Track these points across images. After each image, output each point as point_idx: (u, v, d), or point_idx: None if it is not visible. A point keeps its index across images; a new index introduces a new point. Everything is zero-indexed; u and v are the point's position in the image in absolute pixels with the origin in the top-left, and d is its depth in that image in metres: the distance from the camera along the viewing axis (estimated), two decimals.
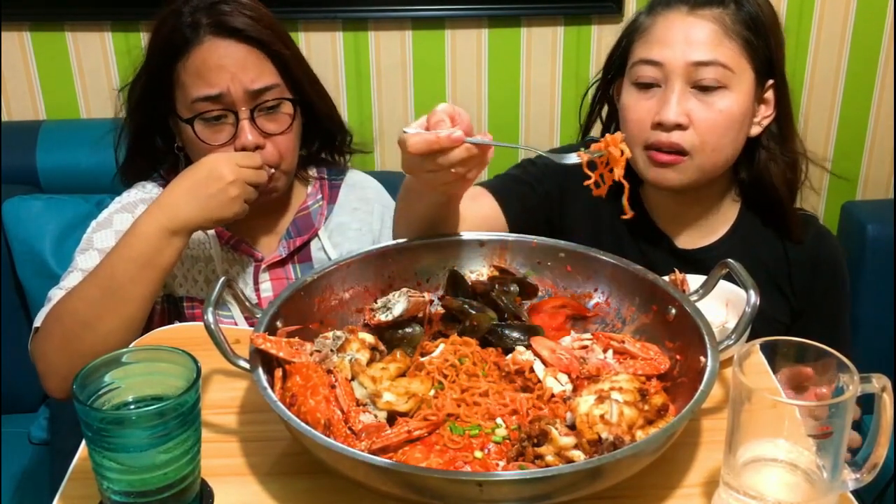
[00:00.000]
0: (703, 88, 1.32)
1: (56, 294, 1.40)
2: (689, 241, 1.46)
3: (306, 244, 1.57)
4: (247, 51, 1.43)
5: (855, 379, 0.82)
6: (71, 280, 1.41)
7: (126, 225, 1.43)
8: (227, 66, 1.41)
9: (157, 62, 1.45)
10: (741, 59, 1.33)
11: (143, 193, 1.55)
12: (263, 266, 1.53)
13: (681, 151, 1.33)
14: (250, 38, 1.43)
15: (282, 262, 1.55)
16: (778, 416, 0.83)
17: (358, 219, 1.63)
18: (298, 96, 1.50)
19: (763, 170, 1.40)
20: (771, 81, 1.39)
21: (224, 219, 1.34)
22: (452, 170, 1.04)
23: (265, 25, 1.46)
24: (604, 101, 1.50)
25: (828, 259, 1.45)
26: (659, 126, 1.33)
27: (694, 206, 1.44)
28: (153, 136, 1.53)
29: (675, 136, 1.32)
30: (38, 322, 1.40)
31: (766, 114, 1.40)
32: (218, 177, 1.32)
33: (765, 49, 1.35)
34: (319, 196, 1.61)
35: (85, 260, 1.44)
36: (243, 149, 1.42)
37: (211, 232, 1.51)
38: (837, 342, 1.14)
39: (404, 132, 1.05)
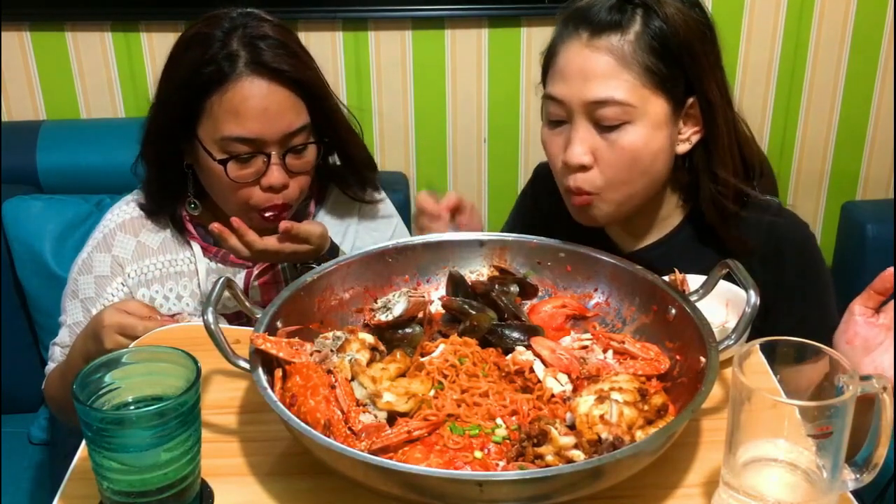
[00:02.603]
0: (606, 126, 1.25)
1: (54, 352, 1.53)
2: (631, 242, 1.42)
3: None
4: (285, 94, 1.39)
5: (855, 379, 0.82)
6: (62, 336, 1.53)
7: (104, 269, 1.50)
8: (266, 109, 1.37)
9: (185, 90, 1.40)
10: (643, 89, 1.24)
11: (120, 216, 1.54)
12: (256, 272, 1.52)
13: (585, 193, 1.29)
14: (290, 79, 1.39)
15: (271, 265, 1.54)
16: (778, 416, 0.83)
17: (341, 212, 1.63)
18: (323, 127, 1.47)
19: (692, 187, 1.35)
20: (691, 100, 1.29)
21: None
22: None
23: (303, 63, 1.42)
24: None
25: (792, 241, 1.37)
26: (565, 167, 1.28)
27: (637, 215, 1.38)
28: (169, 160, 1.49)
29: (579, 180, 1.28)
30: (47, 370, 1.54)
31: (694, 129, 1.31)
32: (99, 340, 1.30)
33: (677, 70, 1.26)
34: (307, 193, 1.60)
35: (72, 311, 1.52)
36: (270, 187, 1.41)
37: (196, 247, 1.51)
38: (827, 327, 1.14)
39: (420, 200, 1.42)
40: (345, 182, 1.61)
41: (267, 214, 1.44)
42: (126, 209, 1.54)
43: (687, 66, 1.27)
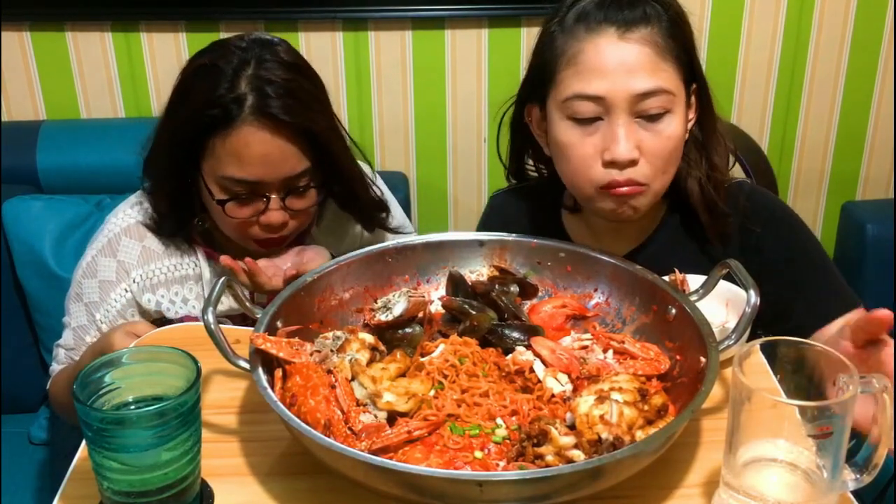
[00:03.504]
0: (649, 117, 1.24)
1: (59, 354, 1.54)
2: (618, 250, 1.38)
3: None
4: (289, 142, 1.37)
5: (855, 379, 0.82)
6: (66, 338, 1.52)
7: (109, 273, 1.49)
8: (268, 156, 1.36)
9: (190, 126, 1.38)
10: (676, 78, 1.25)
11: (125, 221, 1.53)
12: None
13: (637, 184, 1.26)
14: (295, 129, 1.37)
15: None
16: (778, 416, 0.83)
17: (341, 224, 1.62)
18: (328, 169, 1.45)
19: (679, 178, 1.34)
20: (694, 85, 1.31)
21: None
22: None
23: (310, 112, 1.40)
24: (518, 128, 1.41)
25: (771, 213, 1.37)
26: (611, 164, 1.24)
27: (626, 224, 1.37)
28: (178, 182, 1.48)
29: (629, 173, 1.24)
30: (51, 371, 1.55)
31: (690, 117, 1.32)
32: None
33: (686, 54, 1.28)
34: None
35: (76, 314, 1.51)
36: (268, 225, 1.41)
37: (200, 253, 1.51)
38: (830, 285, 1.13)
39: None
40: (350, 210, 1.59)
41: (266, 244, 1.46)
42: (130, 213, 1.53)
43: (690, 50, 1.29)
